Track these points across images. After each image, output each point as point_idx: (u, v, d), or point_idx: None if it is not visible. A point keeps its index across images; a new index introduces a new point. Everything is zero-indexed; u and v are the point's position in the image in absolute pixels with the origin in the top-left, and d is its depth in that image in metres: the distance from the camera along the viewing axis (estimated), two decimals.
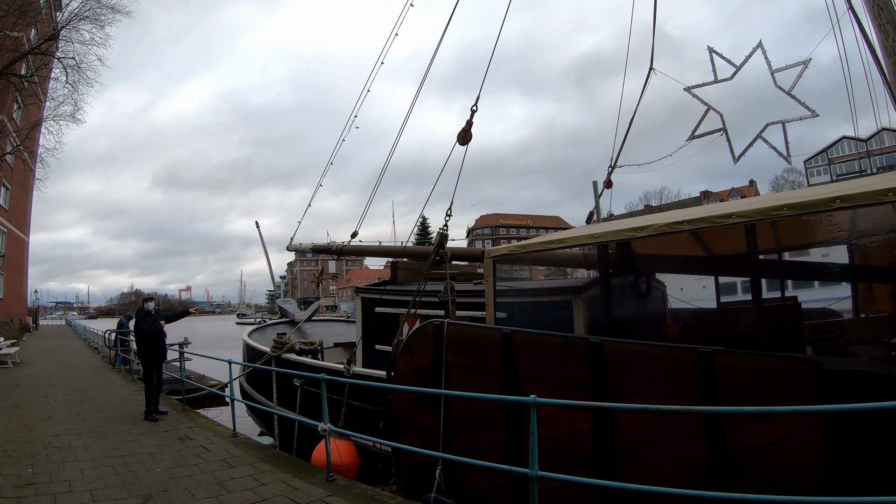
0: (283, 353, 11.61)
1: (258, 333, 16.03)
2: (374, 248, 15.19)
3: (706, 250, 8.56)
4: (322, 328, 17.61)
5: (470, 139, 8.67)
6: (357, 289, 11.98)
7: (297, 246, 16.14)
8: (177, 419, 9.91)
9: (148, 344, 10.38)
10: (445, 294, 8.32)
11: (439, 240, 8.85)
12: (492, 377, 6.10)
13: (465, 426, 6.24)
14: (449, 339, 6.50)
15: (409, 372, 6.84)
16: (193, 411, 10.90)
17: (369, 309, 11.38)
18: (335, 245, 14.53)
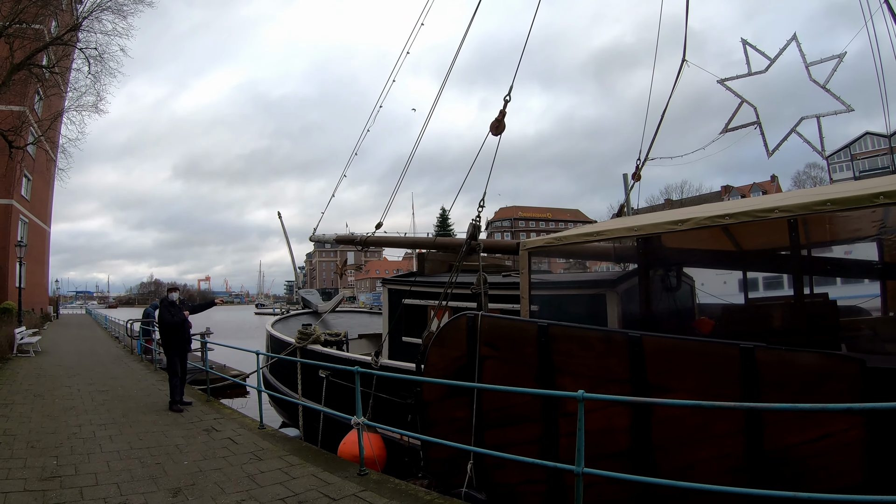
0: (308, 344, 11.41)
1: (281, 324, 15.86)
2: (399, 239, 14.95)
3: (735, 245, 8.28)
4: (345, 319, 17.41)
5: (503, 129, 8.45)
6: (384, 280, 11.72)
7: (320, 237, 15.98)
8: (202, 410, 9.74)
9: (172, 334, 10.20)
10: (478, 286, 8.07)
11: (472, 230, 8.58)
12: (527, 371, 5.95)
13: (497, 420, 6.11)
14: (483, 331, 6.35)
15: (441, 364, 6.70)
16: (218, 402, 10.73)
17: (396, 300, 11.13)
18: (359, 236, 14.35)
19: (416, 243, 14.23)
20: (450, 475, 6.52)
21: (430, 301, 10.45)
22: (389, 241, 14.96)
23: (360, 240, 14.39)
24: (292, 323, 16.16)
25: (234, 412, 9.80)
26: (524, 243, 7.73)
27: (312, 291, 20.35)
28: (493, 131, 8.44)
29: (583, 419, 4.53)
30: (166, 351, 10.42)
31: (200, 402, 10.44)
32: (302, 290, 19.52)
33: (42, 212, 44.76)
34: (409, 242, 14.55)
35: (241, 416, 9.51)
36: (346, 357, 10.27)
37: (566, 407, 5.58)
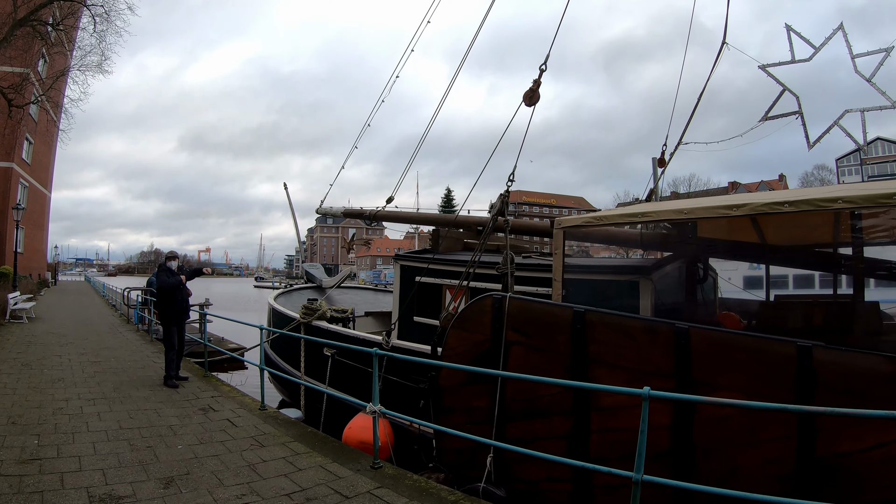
0: (313, 320, 10.78)
1: (284, 298, 15.19)
2: (410, 215, 14.21)
3: (761, 238, 7.91)
4: (350, 295, 16.75)
5: (538, 100, 7.73)
6: (397, 256, 11.03)
7: (326, 209, 15.32)
8: (198, 387, 9.08)
9: (169, 300, 9.53)
10: (504, 266, 7.41)
11: (500, 206, 7.89)
12: (558, 360, 5.53)
13: (522, 411, 5.71)
14: (510, 315, 5.91)
15: (461, 348, 6.24)
16: (216, 378, 10.06)
17: (409, 278, 10.48)
18: (368, 210, 13.71)
19: (430, 220, 13.50)
20: (465, 467, 6.11)
21: (446, 280, 9.80)
22: (400, 216, 14.23)
23: (368, 214, 13.74)
24: (295, 297, 15.51)
25: (233, 390, 9.15)
26: (559, 221, 7.10)
27: (316, 265, 19.61)
28: (527, 101, 7.76)
29: (646, 419, 4.03)
30: (163, 320, 9.75)
31: (197, 378, 9.79)
32: (305, 263, 18.79)
33: (43, 176, 43.97)
34: (421, 218, 13.82)
35: (241, 394, 8.85)
36: (356, 336, 9.63)
37: (601, 401, 5.19)
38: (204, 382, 9.47)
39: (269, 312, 13.53)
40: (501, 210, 7.94)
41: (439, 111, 10.38)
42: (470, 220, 12.40)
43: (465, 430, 5.63)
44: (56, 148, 47.00)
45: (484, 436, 5.60)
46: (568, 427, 5.40)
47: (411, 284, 10.38)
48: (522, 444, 5.23)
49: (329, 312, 11.14)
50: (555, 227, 7.06)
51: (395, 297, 10.87)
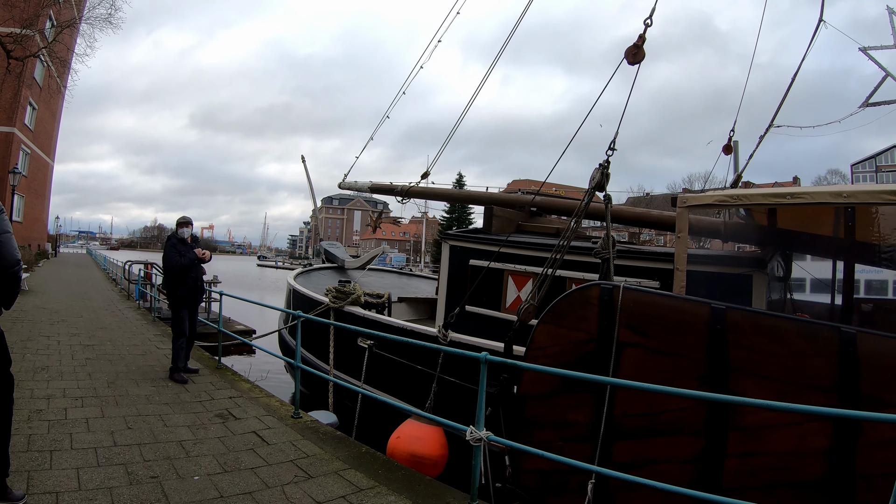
0: (345, 306, 9.13)
1: (303, 278, 13.42)
2: (449, 192, 12.58)
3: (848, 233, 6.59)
4: (375, 278, 15.02)
5: (642, 57, 6.28)
6: (444, 235, 9.38)
7: (351, 184, 13.65)
8: (211, 382, 7.39)
9: (181, 279, 7.78)
10: (605, 250, 5.98)
11: (599, 178, 6.29)
12: (689, 367, 4.50)
13: (636, 429, 4.64)
14: (625, 310, 4.76)
15: (555, 348, 5.07)
16: (231, 371, 8.34)
17: (460, 261, 8.85)
18: (400, 186, 12.10)
19: (472, 198, 11.79)
20: (550, 492, 5.01)
21: (510, 265, 8.22)
22: (437, 193, 12.56)
23: (400, 190, 12.10)
24: (315, 278, 13.79)
25: (254, 387, 7.45)
26: (684, 198, 5.97)
27: (336, 244, 17.76)
28: (630, 59, 6.29)
29: None
30: (173, 303, 7.95)
31: (209, 370, 8.10)
32: (325, 242, 17.02)
33: (46, 144, 42.06)
34: (463, 196, 12.17)
35: (265, 393, 7.15)
36: (403, 326, 7.99)
37: (744, 419, 4.25)
38: (217, 376, 7.78)
39: (289, 294, 11.81)
40: (602, 184, 6.27)
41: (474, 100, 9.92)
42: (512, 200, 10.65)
43: (555, 448, 4.49)
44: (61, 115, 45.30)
45: (582, 456, 4.54)
46: (697, 449, 4.38)
47: (463, 269, 8.78)
48: (634, 469, 4.27)
49: (363, 297, 9.50)
50: (679, 204, 5.89)
51: (441, 283, 9.24)
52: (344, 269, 15.38)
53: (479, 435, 4.33)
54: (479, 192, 11.44)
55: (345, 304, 9.17)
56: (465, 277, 8.80)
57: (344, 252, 16.70)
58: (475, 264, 8.69)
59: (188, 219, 8.06)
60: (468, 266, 8.76)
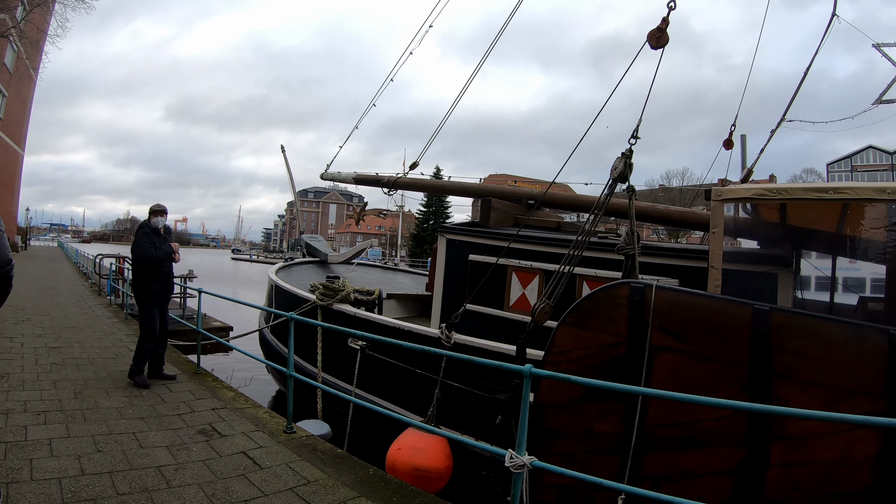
0: (333, 303, 8.40)
1: (285, 273, 12.56)
2: (440, 184, 11.78)
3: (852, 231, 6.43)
4: (359, 273, 14.23)
5: (666, 41, 5.65)
6: (442, 228, 8.70)
7: (333, 175, 12.92)
8: (190, 391, 6.57)
9: (152, 274, 6.92)
10: (630, 245, 5.53)
11: (623, 167, 5.64)
12: (730, 373, 4.10)
13: (671, 439, 4.21)
14: (659, 311, 4.29)
15: (578, 353, 4.55)
16: (212, 377, 7.50)
17: (458, 256, 8.19)
18: (387, 177, 11.43)
19: (464, 189, 11.10)
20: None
21: (515, 261, 7.61)
22: (427, 184, 11.86)
23: (386, 181, 11.42)
24: (298, 273, 12.96)
25: (238, 395, 6.66)
26: (719, 191, 5.53)
27: (318, 237, 16.87)
28: (654, 43, 5.65)
29: None
30: (141, 301, 7.02)
31: (187, 376, 7.26)
32: (305, 234, 16.09)
33: (16, 133, 40.26)
34: (454, 188, 11.39)
35: (251, 403, 6.36)
36: (400, 327, 7.29)
37: (786, 427, 3.94)
38: (197, 383, 6.97)
39: (271, 291, 10.99)
40: (624, 174, 5.64)
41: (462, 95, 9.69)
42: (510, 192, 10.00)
43: (579, 461, 4.30)
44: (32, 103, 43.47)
45: (609, 469, 4.18)
46: (737, 460, 4.01)
47: (461, 264, 8.13)
48: (667, 483, 4.05)
49: (353, 294, 8.77)
50: (713, 197, 5.48)
51: (436, 280, 8.57)
52: (327, 264, 14.60)
53: (521, 461, 3.66)
54: (473, 184, 10.76)
55: (333, 302, 8.44)
56: (463, 274, 8.14)
57: (326, 245, 15.85)
58: (475, 260, 8.03)
59: (163, 207, 7.20)
60: (467, 261, 8.11)
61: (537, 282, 7.51)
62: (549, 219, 9.47)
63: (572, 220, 11.68)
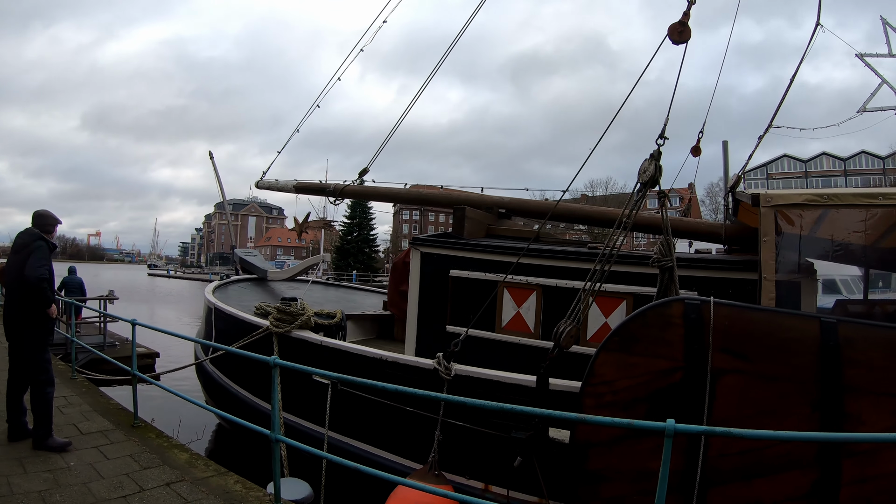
0: (292, 330, 7.00)
1: (222, 294, 10.86)
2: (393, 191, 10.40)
3: None
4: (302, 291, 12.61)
5: (688, 37, 5.01)
6: (415, 240, 7.46)
7: (270, 183, 11.41)
8: (132, 455, 4.94)
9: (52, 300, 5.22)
10: (667, 257, 4.80)
11: (654, 170, 4.86)
12: (798, 392, 3.71)
13: (736, 469, 3.71)
14: (719, 329, 3.81)
15: (626, 381, 3.96)
16: (155, 431, 5.84)
17: (436, 271, 7.01)
18: (333, 185, 10.13)
19: (425, 198, 9.89)
20: None
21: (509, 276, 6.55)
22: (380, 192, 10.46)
23: (333, 189, 10.11)
24: (237, 293, 11.26)
25: (194, 458, 5.03)
26: (768, 196, 4.91)
27: (253, 252, 15.04)
28: (675, 38, 4.97)
29: None
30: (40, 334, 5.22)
31: (122, 431, 5.60)
32: (239, 249, 14.26)
33: None
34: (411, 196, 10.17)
35: (214, 469, 4.82)
36: (399, 362, 5.99)
37: (858, 444, 3.55)
38: (137, 441, 5.31)
39: (209, 315, 9.31)
40: (655, 178, 4.85)
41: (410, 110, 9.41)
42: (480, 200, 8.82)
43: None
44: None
45: None
46: (808, 483, 3.63)
47: (440, 281, 6.92)
48: None
49: (314, 319, 7.38)
50: (762, 203, 4.85)
51: (410, 300, 7.31)
52: (266, 282, 12.96)
53: None
54: (435, 192, 9.56)
55: (292, 328, 7.04)
56: (443, 292, 6.95)
57: (263, 261, 14.14)
58: (458, 276, 6.86)
59: (53, 217, 5.56)
60: (448, 278, 6.92)
61: (535, 299, 6.42)
62: (525, 229, 8.45)
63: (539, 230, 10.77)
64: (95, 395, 6.82)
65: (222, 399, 8.13)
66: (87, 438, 5.25)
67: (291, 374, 6.63)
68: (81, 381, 7.69)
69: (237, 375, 8.00)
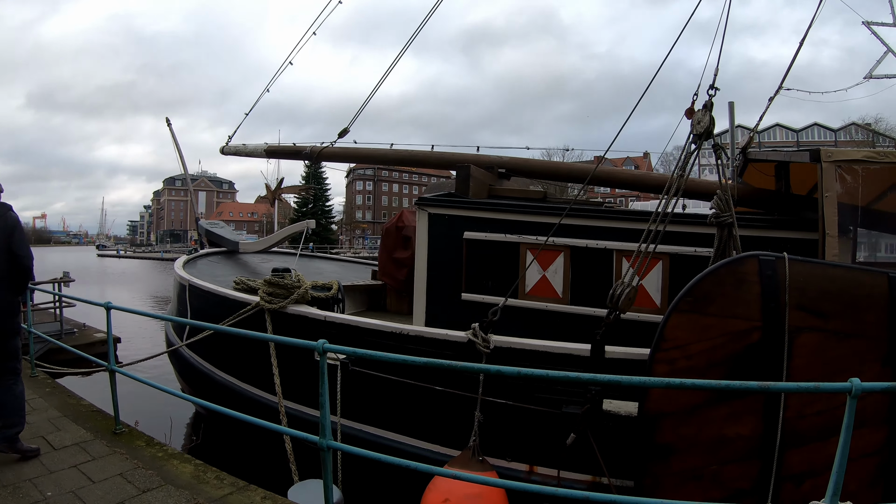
0: (288, 305, 5.99)
1: (193, 269, 9.60)
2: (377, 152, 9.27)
3: None
4: (277, 262, 11.44)
5: None
6: (421, 200, 6.51)
7: (238, 148, 10.28)
8: (122, 474, 3.93)
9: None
10: (727, 212, 4.40)
11: (709, 123, 4.47)
12: (870, 348, 3.55)
13: (814, 430, 3.51)
14: (795, 286, 3.57)
15: (702, 345, 3.62)
16: (142, 437, 4.81)
17: (448, 235, 6.12)
18: (309, 147, 9.11)
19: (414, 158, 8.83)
20: None
21: (529, 238, 5.69)
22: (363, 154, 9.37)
23: (308, 152, 9.10)
24: (209, 268, 9.99)
25: (201, 469, 4.11)
26: (829, 152, 4.64)
27: (219, 224, 13.56)
28: None
29: None
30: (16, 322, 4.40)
31: (104, 440, 4.55)
32: (204, 221, 12.83)
33: None
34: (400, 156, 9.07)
35: (228, 482, 3.87)
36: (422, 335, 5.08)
37: None
38: (124, 451, 4.27)
39: (182, 293, 8.09)
40: (709, 130, 4.49)
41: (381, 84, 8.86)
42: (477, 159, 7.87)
43: (707, 475, 3.57)
44: None
45: (745, 477, 3.54)
46: (881, 439, 3.53)
47: (452, 245, 6.00)
48: (811, 478, 3.46)
49: (310, 293, 6.37)
50: (823, 159, 4.58)
51: (418, 266, 6.38)
52: (238, 254, 11.73)
53: None
54: (425, 152, 8.55)
55: (288, 303, 6.03)
56: (456, 257, 6.07)
57: (232, 232, 12.81)
58: (473, 238, 5.98)
59: None
60: (462, 241, 6.04)
61: (562, 261, 5.62)
62: (530, 189, 7.60)
63: None
64: (62, 395, 5.64)
65: (203, 387, 7.08)
66: (63, 455, 4.15)
67: (288, 353, 5.68)
68: (43, 379, 6.47)
69: (219, 359, 6.93)
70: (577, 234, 5.50)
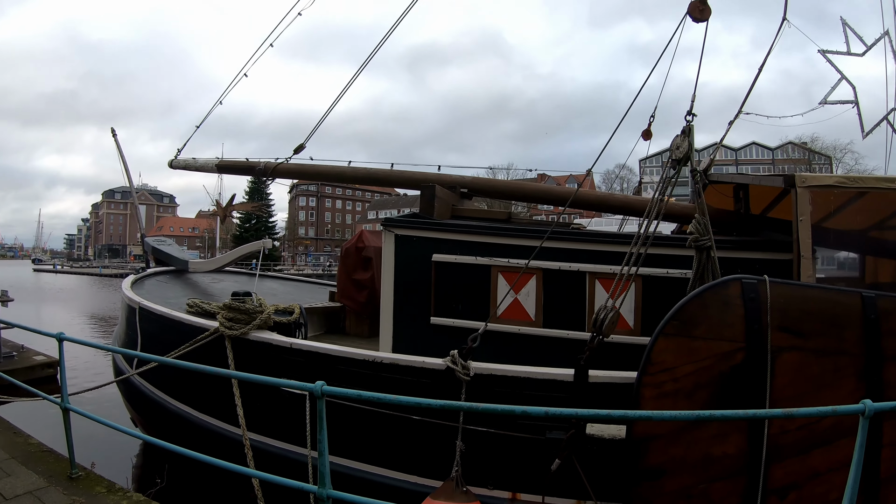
0: (250, 331, 5.66)
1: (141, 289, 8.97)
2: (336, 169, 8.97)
3: None
4: (229, 283, 10.91)
5: (709, 14, 5.01)
6: (388, 221, 6.27)
7: (187, 162, 9.85)
8: None
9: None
10: (705, 236, 4.44)
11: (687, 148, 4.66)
12: (848, 364, 3.69)
13: (797, 444, 3.64)
14: (776, 307, 3.69)
15: (689, 367, 3.69)
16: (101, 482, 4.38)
17: (415, 256, 5.91)
18: (263, 163, 8.78)
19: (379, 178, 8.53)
20: None
21: (502, 260, 5.57)
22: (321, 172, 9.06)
23: (262, 168, 8.77)
24: (159, 289, 9.40)
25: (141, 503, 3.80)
26: (803, 177, 4.74)
27: (167, 241, 12.84)
28: (697, 15, 4.97)
29: None
30: None
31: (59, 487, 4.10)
32: (151, 239, 12.12)
33: None
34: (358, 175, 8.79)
35: None
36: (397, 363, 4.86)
37: None
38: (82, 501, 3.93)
39: (132, 316, 7.58)
40: (689, 156, 4.68)
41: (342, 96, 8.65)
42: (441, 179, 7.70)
43: (696, 494, 3.62)
44: None
45: (732, 493, 3.61)
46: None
47: (420, 267, 5.84)
48: (794, 490, 3.61)
49: (272, 317, 6.04)
50: (797, 184, 4.64)
51: (384, 289, 6.13)
52: (188, 274, 11.16)
53: None
54: (386, 171, 8.30)
55: (249, 329, 5.70)
56: (424, 279, 5.87)
57: (181, 251, 12.17)
58: (441, 260, 5.80)
59: None
60: (430, 263, 5.85)
61: (535, 283, 5.51)
62: (493, 210, 7.49)
63: None
64: (7, 432, 5.11)
65: (155, 417, 6.64)
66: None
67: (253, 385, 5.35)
68: None
69: (174, 388, 6.50)
70: (549, 256, 5.40)
